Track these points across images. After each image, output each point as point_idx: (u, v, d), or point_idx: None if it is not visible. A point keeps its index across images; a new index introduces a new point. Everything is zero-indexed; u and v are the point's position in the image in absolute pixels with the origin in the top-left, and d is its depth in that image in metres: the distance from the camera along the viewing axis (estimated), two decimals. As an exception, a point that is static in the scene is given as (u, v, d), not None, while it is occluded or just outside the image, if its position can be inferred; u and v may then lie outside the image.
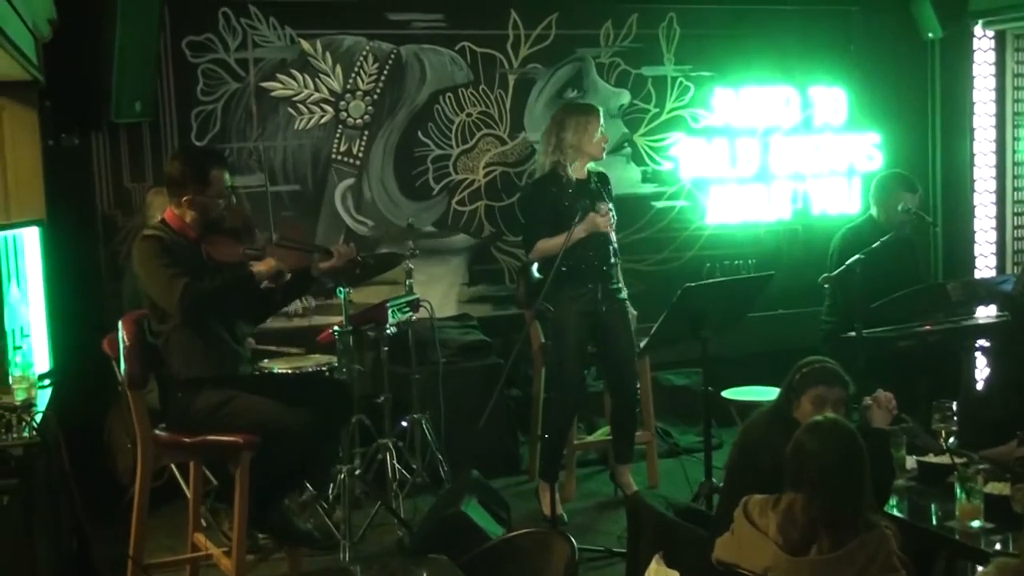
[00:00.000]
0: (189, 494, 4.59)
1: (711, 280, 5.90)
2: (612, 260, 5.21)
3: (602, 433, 5.86)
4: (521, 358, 5.94)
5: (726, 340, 5.02)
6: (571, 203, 5.01)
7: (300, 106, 6.17)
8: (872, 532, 2.88)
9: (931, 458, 3.91)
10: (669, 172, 6.92)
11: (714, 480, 4.53)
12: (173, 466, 4.98)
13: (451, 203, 6.52)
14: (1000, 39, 7.13)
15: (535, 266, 5.72)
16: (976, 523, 3.40)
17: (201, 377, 4.10)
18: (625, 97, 6.83)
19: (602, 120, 5.18)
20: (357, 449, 5.24)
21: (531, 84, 6.59)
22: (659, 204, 6.80)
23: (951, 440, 3.87)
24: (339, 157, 6.26)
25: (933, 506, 3.66)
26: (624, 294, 5.28)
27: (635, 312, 5.38)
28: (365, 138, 6.33)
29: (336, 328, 5.04)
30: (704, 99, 6.96)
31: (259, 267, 4.11)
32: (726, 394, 5.73)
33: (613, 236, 5.20)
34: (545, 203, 5.05)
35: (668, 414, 6.47)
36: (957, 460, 3.69)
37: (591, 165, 5.21)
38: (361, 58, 6.27)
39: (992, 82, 7.18)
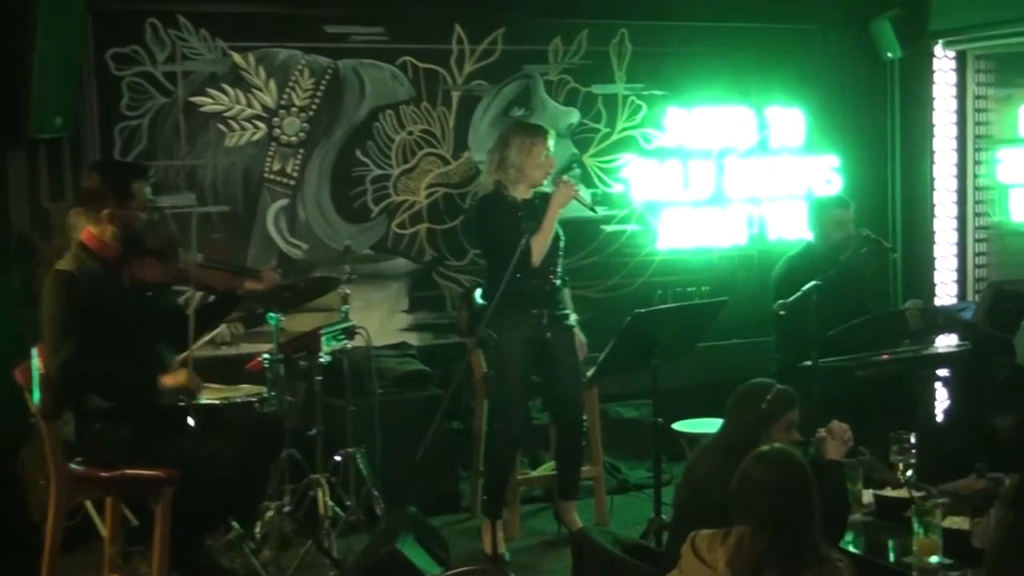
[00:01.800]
0: (105, 533, 4.50)
1: (662, 306, 5.91)
2: (558, 283, 5.24)
3: (547, 468, 5.84)
4: (462, 389, 5.93)
5: (677, 370, 5.02)
6: (516, 224, 5.03)
7: (231, 122, 6.14)
8: (824, 566, 2.89)
9: (888, 492, 3.93)
10: (620, 195, 6.96)
11: (664, 517, 4.53)
12: (89, 503, 4.90)
13: (391, 226, 6.49)
14: (961, 59, 7.21)
15: (478, 292, 5.67)
16: (934, 559, 3.41)
17: (120, 408, 4.05)
18: (574, 116, 6.86)
19: (551, 143, 5.19)
20: (287, 485, 5.20)
21: (476, 102, 6.60)
22: (609, 228, 6.83)
23: (909, 473, 3.93)
24: (272, 176, 6.24)
25: (890, 542, 3.68)
26: (572, 320, 5.30)
27: (584, 340, 5.41)
28: (300, 156, 6.30)
29: (266, 356, 5.02)
30: (656, 119, 7.01)
31: (167, 381, 4.12)
32: (677, 426, 5.73)
33: (559, 259, 5.25)
34: (499, 214, 5.10)
35: (617, 448, 6.44)
36: (915, 493, 3.75)
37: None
38: (296, 72, 6.26)
39: (953, 104, 7.26)
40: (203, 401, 4.98)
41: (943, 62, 7.26)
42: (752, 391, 3.65)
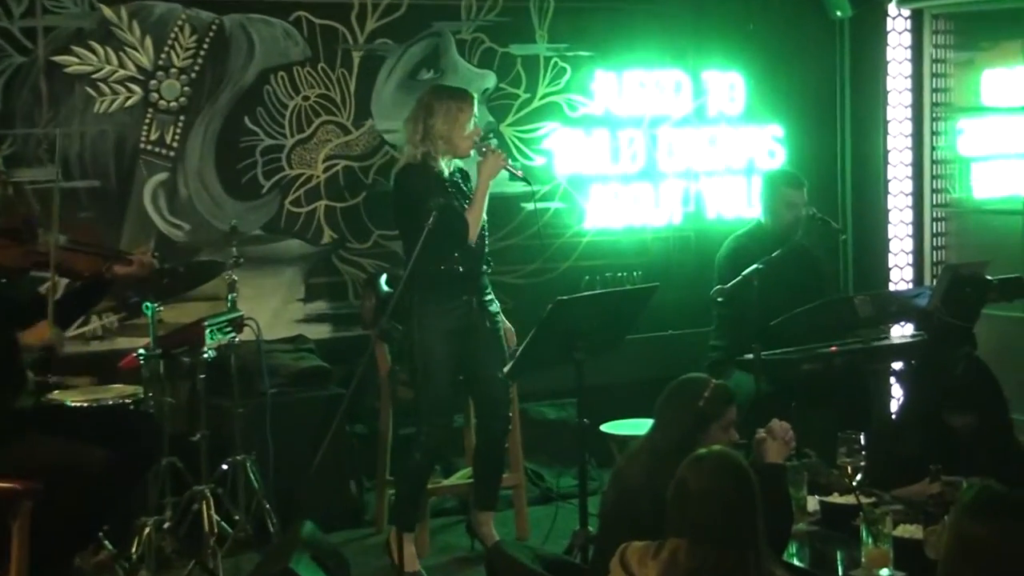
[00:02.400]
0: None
1: (587, 292, 5.88)
2: (485, 267, 5.30)
3: (462, 475, 5.84)
4: (366, 388, 5.91)
5: (606, 365, 5.04)
6: (447, 201, 5.02)
7: (101, 85, 6.06)
8: (766, 582, 2.93)
9: (835, 498, 3.97)
10: (542, 168, 6.98)
11: (591, 528, 4.53)
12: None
13: (284, 203, 6.48)
14: (917, 19, 7.30)
15: (383, 278, 5.73)
16: (885, 571, 3.44)
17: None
18: (490, 80, 6.86)
19: (476, 109, 5.25)
20: (167, 498, 5.16)
21: (380, 63, 6.59)
22: (529, 206, 6.69)
23: (858, 477, 3.91)
24: (149, 147, 6.19)
25: (838, 553, 3.72)
26: (497, 307, 5.37)
27: (511, 327, 5.45)
28: (181, 125, 6.26)
29: (142, 352, 4.99)
30: (583, 84, 7.04)
31: (28, 338, 4.10)
32: (605, 428, 5.78)
33: (486, 239, 5.31)
34: (430, 187, 5.05)
35: (540, 453, 6.50)
36: (864, 500, 3.75)
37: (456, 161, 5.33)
38: (176, 29, 6.20)
39: (908, 68, 7.34)
40: (69, 403, 5.00)
41: (897, 22, 7.34)
42: (687, 387, 3.68)
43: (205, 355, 5.18)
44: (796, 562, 3.66)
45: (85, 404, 4.97)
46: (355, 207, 6.63)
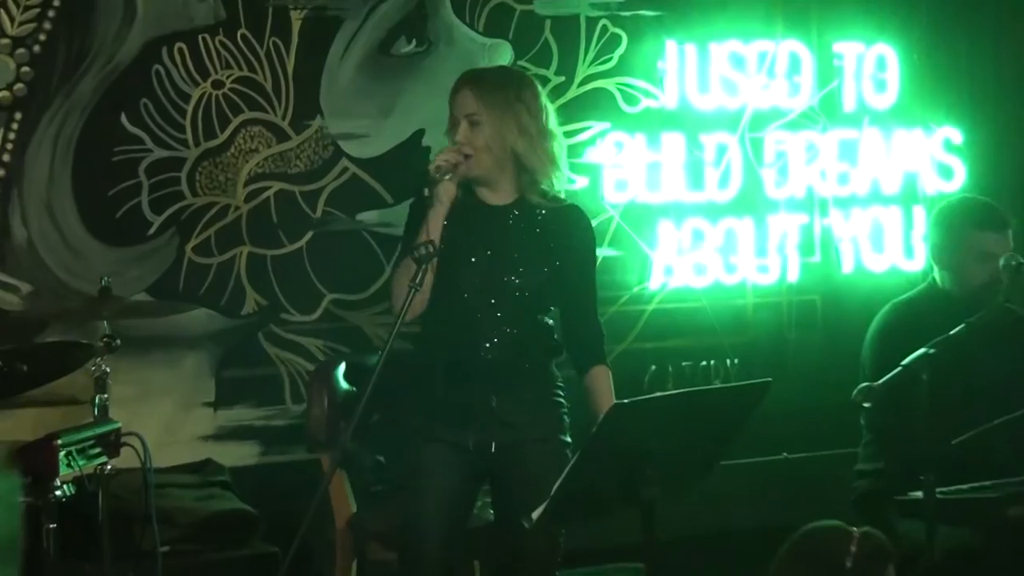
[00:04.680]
0: None
1: (659, 394, 5.84)
2: (516, 318, 5.26)
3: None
4: (313, 545, 5.83)
5: (689, 509, 5.06)
6: None
7: None
8: None
9: None
10: (585, 193, 6.88)
11: None
12: None
13: (184, 250, 6.50)
14: None
15: (340, 370, 5.72)
16: None
17: None
18: (504, 54, 6.88)
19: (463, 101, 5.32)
20: None
21: (333, 29, 6.65)
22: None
23: None
24: None
25: None
26: (559, 398, 5.37)
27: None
28: (15, 127, 6.24)
29: (-44, 487, 4.89)
30: (646, 61, 7.06)
31: None
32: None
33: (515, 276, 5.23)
34: None
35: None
36: None
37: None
38: (8, -20, 6.16)
39: None
40: None
41: None
42: (819, 544, 3.57)
43: (58, 493, 5.01)
44: None
45: None
46: (295, 256, 6.62)
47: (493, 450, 5.22)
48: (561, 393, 5.34)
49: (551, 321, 5.34)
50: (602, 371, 5.32)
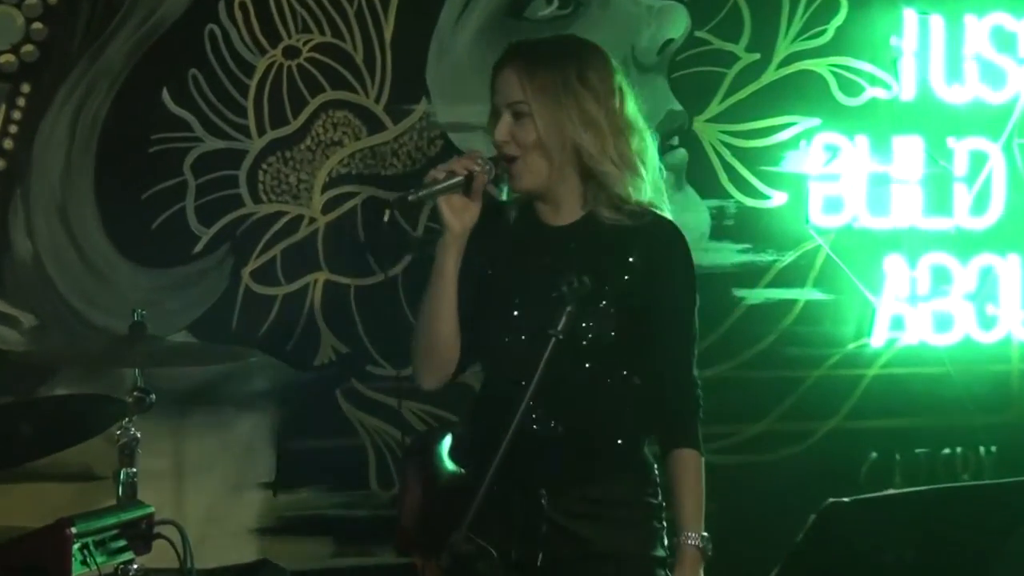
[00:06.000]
0: None
1: (890, 491, 5.60)
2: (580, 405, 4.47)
3: None
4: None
5: None
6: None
7: None
8: None
9: None
10: (779, 213, 6.63)
11: None
12: None
13: (240, 276, 6.05)
14: None
15: (446, 443, 5.01)
16: None
17: None
18: (679, 22, 6.42)
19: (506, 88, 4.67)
20: None
21: None
22: (755, 294, 6.59)
23: None
24: None
25: None
26: (651, 497, 4.53)
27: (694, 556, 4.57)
28: (21, 104, 5.83)
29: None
30: (873, 35, 6.62)
31: None
32: None
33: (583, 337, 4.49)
34: None
35: None
36: None
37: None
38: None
39: None
40: None
41: None
42: None
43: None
44: None
45: None
46: (388, 287, 6.21)
47: (539, 563, 4.44)
48: (653, 489, 4.60)
49: (639, 380, 4.57)
50: (691, 457, 4.52)
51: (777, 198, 6.53)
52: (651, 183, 4.53)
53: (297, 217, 6.08)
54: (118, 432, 4.91)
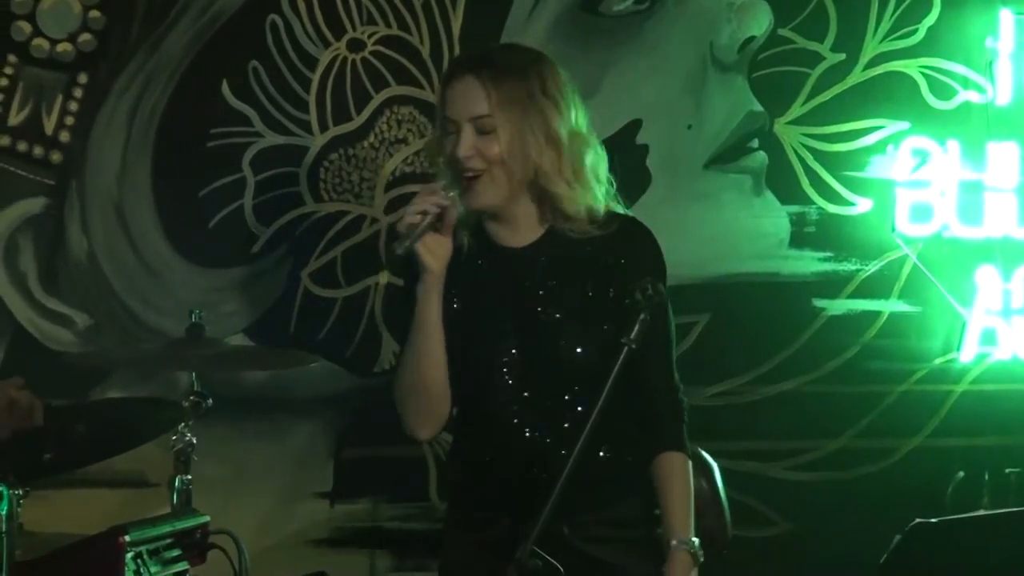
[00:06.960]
0: None
1: (982, 512, 5.77)
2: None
3: None
4: None
5: None
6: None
7: None
8: None
9: None
10: (863, 222, 6.59)
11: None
12: None
13: (299, 277, 6.13)
14: None
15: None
16: None
17: None
18: (760, 17, 6.43)
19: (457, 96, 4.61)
20: None
21: None
22: (837, 305, 6.57)
23: None
24: (7, 145, 5.90)
25: None
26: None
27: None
28: (77, 97, 5.90)
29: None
30: (967, 36, 6.55)
31: None
32: None
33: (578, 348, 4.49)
34: None
35: None
36: None
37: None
38: None
39: None
40: None
41: None
42: None
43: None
44: None
45: None
46: None
47: None
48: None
49: (633, 391, 4.56)
50: (678, 460, 4.49)
51: (862, 205, 6.55)
52: (603, 192, 4.51)
53: (359, 217, 6.17)
54: (174, 438, 5.03)
